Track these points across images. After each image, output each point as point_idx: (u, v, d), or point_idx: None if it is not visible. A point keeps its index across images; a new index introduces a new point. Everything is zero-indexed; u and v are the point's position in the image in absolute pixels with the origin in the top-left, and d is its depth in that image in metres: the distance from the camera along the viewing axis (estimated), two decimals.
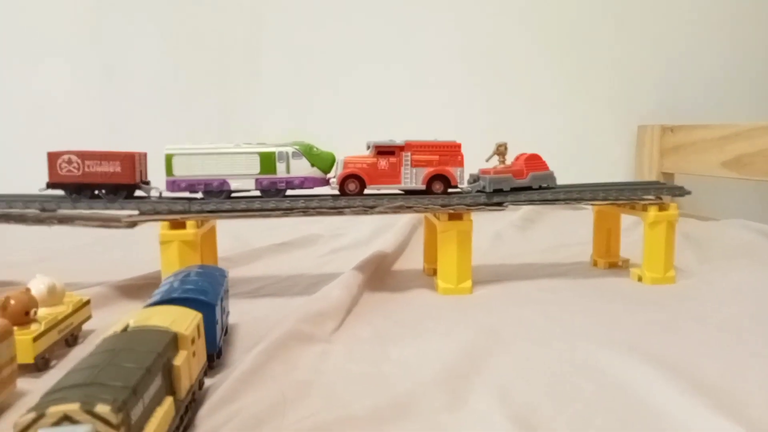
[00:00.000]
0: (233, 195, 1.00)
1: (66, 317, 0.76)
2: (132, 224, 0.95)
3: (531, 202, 1.04)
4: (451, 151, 1.01)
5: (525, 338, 0.79)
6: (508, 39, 2.17)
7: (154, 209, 0.96)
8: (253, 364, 0.66)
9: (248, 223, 1.13)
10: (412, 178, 1.01)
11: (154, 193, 0.99)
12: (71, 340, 0.78)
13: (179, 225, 0.94)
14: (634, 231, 1.41)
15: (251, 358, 0.67)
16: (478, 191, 1.03)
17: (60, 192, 0.98)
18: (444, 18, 2.12)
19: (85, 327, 0.83)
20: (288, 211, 0.98)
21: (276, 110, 2.06)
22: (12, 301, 0.69)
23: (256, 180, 0.98)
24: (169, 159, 0.96)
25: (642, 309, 0.92)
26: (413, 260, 1.28)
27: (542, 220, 1.75)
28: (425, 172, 1.01)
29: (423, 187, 1.01)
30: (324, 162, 1.00)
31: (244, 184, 0.98)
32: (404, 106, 2.08)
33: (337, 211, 0.99)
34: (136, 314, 0.60)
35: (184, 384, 0.54)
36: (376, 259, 1.16)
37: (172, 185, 0.97)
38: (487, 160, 1.06)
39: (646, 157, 2.22)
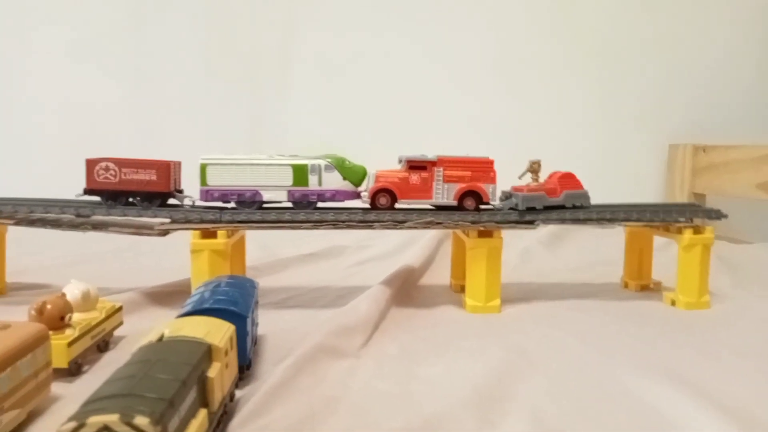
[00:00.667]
0: (265, 206, 1.00)
1: (99, 323, 0.77)
2: (164, 232, 0.96)
3: (562, 221, 1.03)
4: (484, 168, 1.01)
5: (557, 361, 0.77)
6: (539, 55, 2.15)
7: (186, 218, 0.97)
8: (282, 377, 0.66)
9: (275, 233, 1.13)
10: (444, 193, 1.00)
11: (187, 202, 1.01)
12: (103, 345, 0.79)
13: (210, 234, 0.95)
14: (664, 252, 1.38)
15: (281, 371, 0.67)
16: (510, 208, 1.02)
17: (94, 198, 1.00)
18: (474, 34, 2.12)
19: (116, 333, 0.83)
20: (318, 224, 0.98)
21: (305, 120, 2.08)
22: (48, 306, 0.70)
23: (289, 192, 0.99)
24: (203, 168, 0.97)
25: (677, 335, 0.90)
26: (440, 275, 1.27)
27: (570, 238, 1.73)
28: (457, 188, 1.00)
29: (455, 203, 1.01)
30: (356, 175, 1.01)
31: (277, 195, 0.99)
32: (432, 120, 2.08)
33: (367, 224, 0.99)
34: (170, 324, 0.60)
35: (217, 396, 0.54)
36: (404, 274, 1.16)
37: (206, 194, 0.98)
38: (520, 178, 1.05)
39: (677, 177, 2.18)
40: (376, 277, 1.19)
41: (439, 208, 1.02)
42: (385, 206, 1.00)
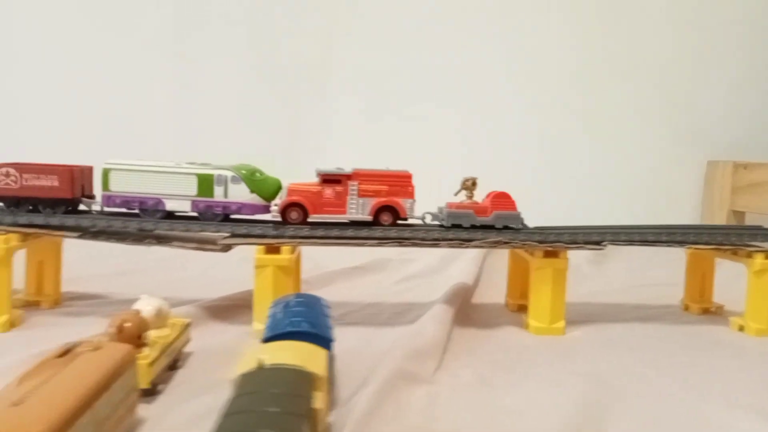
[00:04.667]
0: (317, 222, 0.98)
1: (173, 341, 0.75)
2: (227, 247, 0.95)
3: (631, 242, 1.01)
4: (401, 182, 0.98)
5: (641, 393, 0.75)
6: (577, 68, 2.13)
7: (248, 232, 0.96)
8: (369, 406, 0.64)
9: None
10: (359, 208, 0.98)
11: (95, 207, 0.99)
12: (172, 364, 0.78)
13: (274, 249, 0.93)
14: (717, 272, 1.34)
15: (366, 398, 0.65)
16: (439, 225, 1.00)
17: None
18: (508, 47, 2.09)
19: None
20: (382, 241, 0.96)
21: (342, 134, 2.06)
22: (127, 324, 0.68)
23: (193, 202, 0.96)
24: (105, 173, 0.96)
25: (757, 365, 0.87)
26: (490, 293, 1.25)
27: (614, 256, 1.69)
28: (373, 202, 0.98)
29: (370, 218, 0.98)
30: (268, 188, 0.98)
31: (180, 205, 0.96)
32: (470, 133, 2.06)
33: (433, 242, 0.97)
34: (263, 349, 0.58)
35: (321, 429, 0.52)
36: (461, 292, 1.14)
37: (108, 200, 0.96)
38: (455, 195, 1.03)
39: (716, 195, 2.14)
40: (428, 292, 1.18)
41: (354, 223, 0.99)
42: (296, 221, 0.97)
